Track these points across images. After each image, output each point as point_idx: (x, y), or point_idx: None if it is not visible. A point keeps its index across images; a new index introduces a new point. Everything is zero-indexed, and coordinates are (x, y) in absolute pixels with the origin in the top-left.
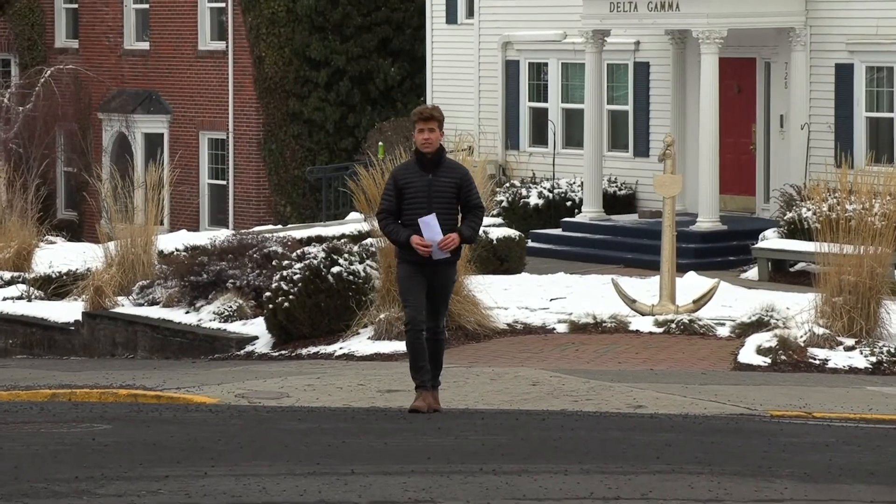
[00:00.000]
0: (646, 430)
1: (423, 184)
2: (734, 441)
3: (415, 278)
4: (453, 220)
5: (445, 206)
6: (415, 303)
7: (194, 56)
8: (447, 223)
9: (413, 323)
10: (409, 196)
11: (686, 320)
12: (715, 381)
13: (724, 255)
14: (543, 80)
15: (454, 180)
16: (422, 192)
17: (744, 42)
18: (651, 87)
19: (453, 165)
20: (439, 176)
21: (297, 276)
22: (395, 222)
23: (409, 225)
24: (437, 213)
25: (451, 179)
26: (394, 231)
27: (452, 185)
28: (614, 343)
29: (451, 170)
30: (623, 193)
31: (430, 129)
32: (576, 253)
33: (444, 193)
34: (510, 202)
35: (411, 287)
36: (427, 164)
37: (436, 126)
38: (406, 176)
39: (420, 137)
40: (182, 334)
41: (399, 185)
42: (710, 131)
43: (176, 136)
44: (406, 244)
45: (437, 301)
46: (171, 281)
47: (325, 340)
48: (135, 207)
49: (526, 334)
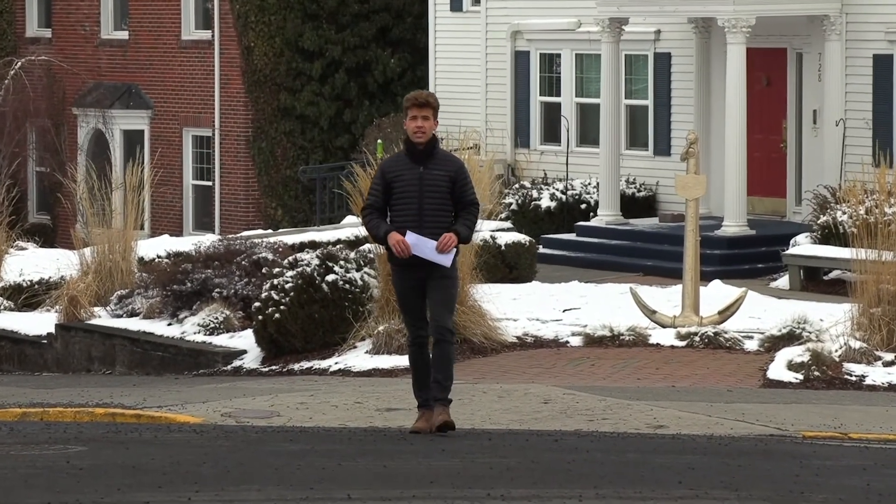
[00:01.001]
0: (667, 453)
1: (414, 177)
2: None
3: (410, 292)
4: (447, 217)
5: (438, 201)
6: (413, 314)
7: (177, 46)
8: (440, 221)
9: (415, 339)
10: (399, 190)
11: (711, 333)
12: (742, 399)
13: (751, 262)
14: (556, 73)
15: (448, 173)
16: (412, 187)
17: (773, 31)
18: (673, 79)
19: (447, 157)
20: (431, 168)
21: (289, 284)
22: (379, 217)
23: (399, 223)
24: (429, 209)
25: (445, 172)
26: (375, 225)
27: (446, 178)
28: (633, 358)
29: (445, 162)
30: (642, 195)
31: (423, 116)
32: (591, 260)
33: (437, 188)
34: (520, 205)
35: (406, 296)
36: (418, 156)
37: (430, 114)
38: (395, 168)
39: (412, 125)
40: (164, 348)
41: (387, 178)
42: (737, 128)
43: (157, 133)
44: (384, 240)
45: (440, 299)
46: (151, 290)
47: (320, 354)
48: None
49: (537, 348)
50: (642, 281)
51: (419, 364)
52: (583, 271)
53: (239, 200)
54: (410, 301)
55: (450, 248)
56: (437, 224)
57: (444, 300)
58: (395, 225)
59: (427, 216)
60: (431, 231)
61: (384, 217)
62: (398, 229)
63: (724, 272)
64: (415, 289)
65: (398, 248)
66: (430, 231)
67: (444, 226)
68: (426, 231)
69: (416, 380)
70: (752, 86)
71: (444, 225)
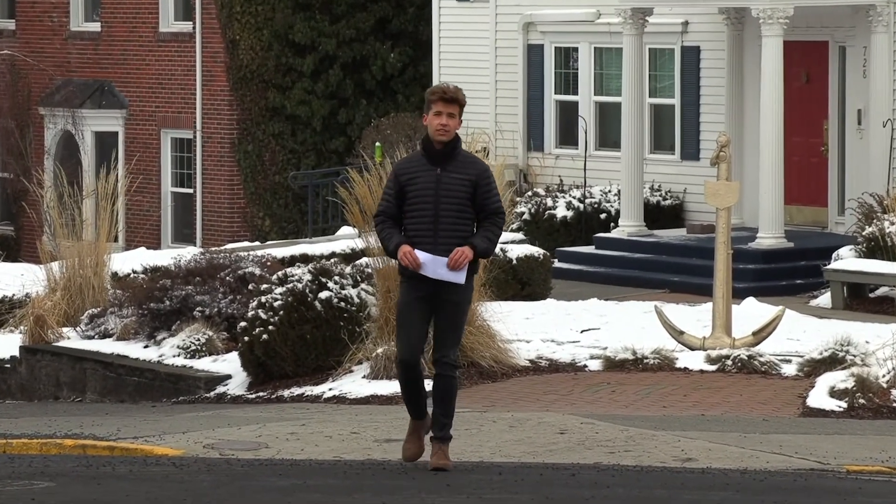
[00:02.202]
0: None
1: (430, 180)
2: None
3: (415, 308)
4: (466, 227)
5: (456, 207)
6: (408, 339)
7: (155, 39)
8: (458, 230)
9: (403, 360)
10: (413, 195)
11: (744, 356)
12: (779, 430)
13: (789, 277)
14: (573, 69)
15: (469, 178)
16: (427, 191)
17: (814, 22)
18: (702, 76)
19: (469, 160)
20: (450, 171)
21: (279, 302)
22: (392, 226)
23: (412, 232)
24: (446, 216)
25: (466, 177)
26: (387, 236)
27: (466, 183)
28: (658, 383)
29: (466, 165)
30: (668, 204)
31: (450, 113)
32: (611, 275)
33: (456, 193)
34: (533, 214)
35: (408, 318)
36: (437, 157)
37: (457, 111)
38: (410, 170)
39: (436, 122)
40: (140, 373)
41: (401, 181)
42: (773, 129)
43: (133, 136)
44: (394, 253)
45: (447, 323)
46: (126, 309)
47: (312, 380)
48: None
49: (552, 372)
50: (668, 298)
51: (408, 387)
52: (602, 288)
53: (223, 210)
54: (412, 317)
55: (462, 265)
56: (453, 234)
57: (452, 327)
58: (409, 235)
59: (443, 224)
60: (446, 242)
61: (398, 226)
62: (412, 243)
63: (759, 289)
64: (420, 303)
65: (406, 260)
66: (445, 242)
67: (461, 236)
68: (441, 241)
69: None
70: (789, 83)
71: (462, 235)
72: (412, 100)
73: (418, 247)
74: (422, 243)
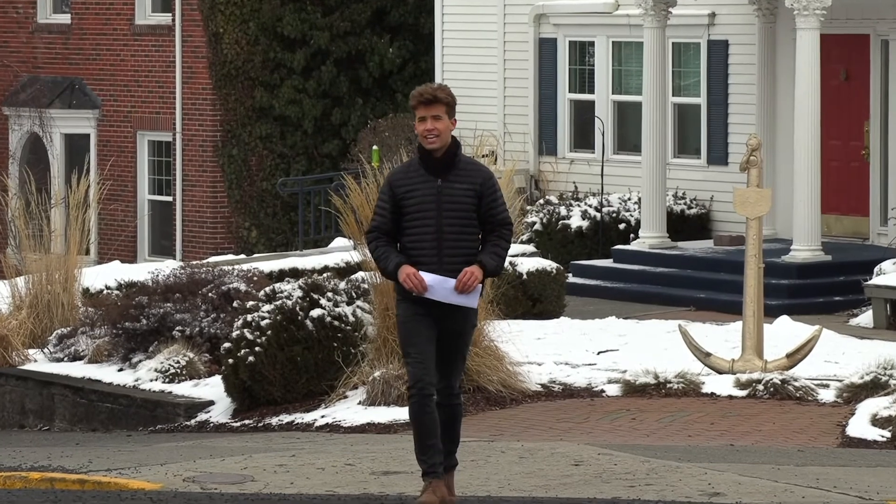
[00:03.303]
0: None
1: (430, 192)
2: None
3: (420, 323)
4: (472, 241)
5: (461, 221)
6: (420, 357)
7: (130, 33)
8: (463, 246)
9: (418, 386)
10: (412, 209)
11: (777, 380)
12: (816, 461)
13: (827, 294)
14: (589, 65)
15: (472, 187)
16: (428, 205)
17: (853, 14)
18: (730, 73)
19: (471, 167)
20: (452, 181)
21: (266, 321)
22: (388, 244)
23: (412, 250)
24: (450, 231)
25: (469, 186)
26: (383, 255)
27: (470, 192)
28: (682, 410)
29: (469, 172)
30: (693, 213)
31: (434, 116)
32: (631, 291)
33: (459, 205)
34: (545, 224)
35: (415, 336)
36: (434, 166)
37: (443, 111)
38: (407, 182)
39: (421, 128)
40: (114, 399)
41: (397, 194)
42: (809, 131)
43: (106, 138)
44: (394, 275)
45: (450, 353)
46: (99, 328)
47: (303, 406)
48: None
49: (566, 398)
50: (694, 317)
51: (423, 420)
52: (621, 305)
53: (205, 219)
54: (418, 344)
55: (472, 288)
56: (459, 250)
57: (457, 356)
58: (409, 254)
59: (448, 241)
60: (452, 260)
61: (394, 243)
62: (413, 263)
63: (794, 306)
64: (427, 329)
65: (411, 283)
66: (451, 260)
67: (467, 253)
68: (446, 259)
69: (418, 441)
70: (827, 80)
71: (468, 251)
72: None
73: (421, 267)
74: (425, 263)
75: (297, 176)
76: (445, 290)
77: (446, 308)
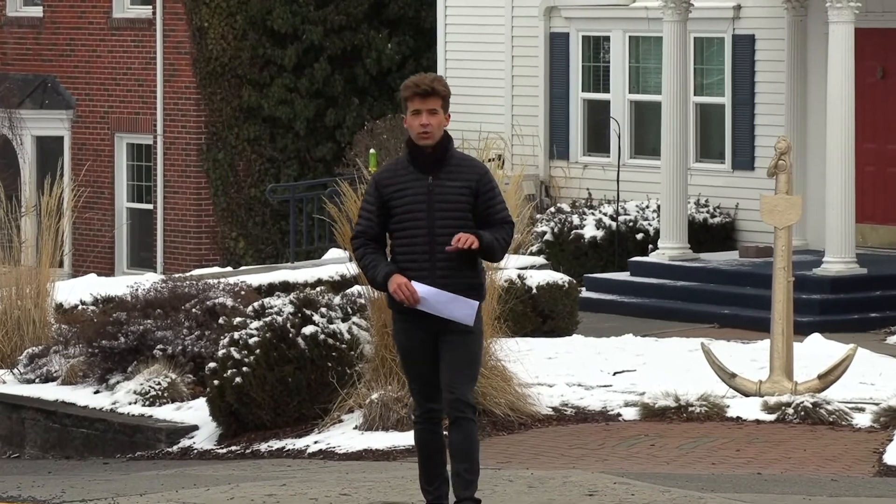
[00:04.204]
0: None
1: (421, 191)
2: None
3: (417, 344)
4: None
5: (455, 223)
6: (421, 381)
7: (108, 27)
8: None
9: (424, 411)
10: (401, 211)
11: (808, 404)
12: (851, 492)
13: (862, 310)
14: (604, 62)
15: (467, 184)
16: (419, 205)
17: (890, 6)
18: (757, 70)
19: (465, 162)
20: (444, 179)
21: (255, 339)
22: (376, 251)
23: (403, 257)
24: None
25: (463, 184)
26: (371, 264)
27: (465, 190)
28: (706, 436)
29: (463, 168)
30: (717, 222)
31: (430, 110)
32: (650, 307)
33: (453, 204)
34: (556, 234)
35: (412, 357)
36: (426, 163)
37: (438, 105)
38: (395, 181)
39: (415, 123)
40: (89, 423)
41: (384, 194)
42: (842, 134)
43: (81, 141)
44: (383, 285)
45: (457, 362)
46: (73, 347)
47: (294, 431)
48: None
49: (579, 422)
50: (718, 334)
51: (429, 448)
52: (639, 321)
53: (188, 229)
54: (418, 363)
55: (465, 244)
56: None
57: (464, 363)
58: (399, 261)
59: (440, 245)
60: (446, 267)
61: (383, 249)
62: (403, 271)
63: (826, 323)
64: (425, 345)
65: (402, 294)
66: (445, 267)
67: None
68: (439, 266)
69: (424, 469)
70: (862, 78)
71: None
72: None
73: (411, 274)
74: (416, 270)
75: (287, 182)
76: (440, 302)
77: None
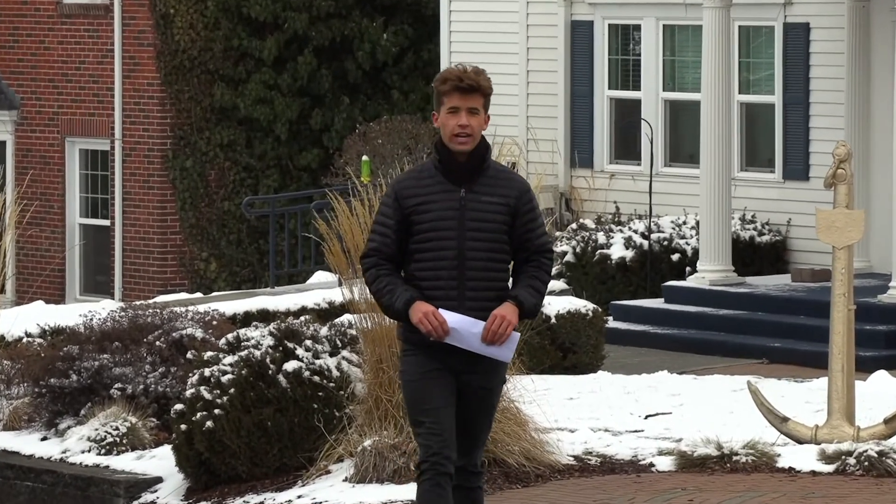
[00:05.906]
0: None
1: (451, 206)
2: None
3: (435, 382)
4: (500, 272)
5: (487, 246)
6: (436, 427)
7: (57, 14)
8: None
9: (433, 461)
10: (426, 228)
11: (873, 452)
12: None
13: None
14: (634, 55)
15: (506, 201)
16: (448, 222)
17: None
18: (812, 64)
19: (504, 175)
20: (479, 193)
21: (228, 377)
22: (392, 272)
23: (426, 283)
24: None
25: (500, 200)
26: (387, 288)
27: (502, 209)
28: (753, 489)
29: (501, 182)
30: (765, 240)
31: (470, 109)
32: (687, 339)
33: (487, 223)
34: (578, 255)
35: (429, 400)
36: (459, 172)
37: (480, 104)
38: (420, 191)
39: (452, 123)
40: (35, 475)
41: (405, 206)
42: None
43: (26, 146)
44: (403, 313)
45: (474, 418)
46: (17, 387)
47: (274, 483)
48: None
49: (605, 473)
50: (767, 371)
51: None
52: (675, 356)
53: (151, 249)
54: (432, 408)
55: (504, 338)
56: (485, 284)
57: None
58: (419, 286)
59: (472, 271)
60: (476, 297)
61: (399, 271)
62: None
63: (894, 358)
64: (444, 380)
65: (428, 325)
66: (475, 297)
67: (496, 287)
68: (469, 295)
69: None
70: None
71: (497, 286)
72: (412, 97)
73: (436, 304)
74: (440, 299)
75: (267, 194)
76: (473, 334)
77: (471, 357)
